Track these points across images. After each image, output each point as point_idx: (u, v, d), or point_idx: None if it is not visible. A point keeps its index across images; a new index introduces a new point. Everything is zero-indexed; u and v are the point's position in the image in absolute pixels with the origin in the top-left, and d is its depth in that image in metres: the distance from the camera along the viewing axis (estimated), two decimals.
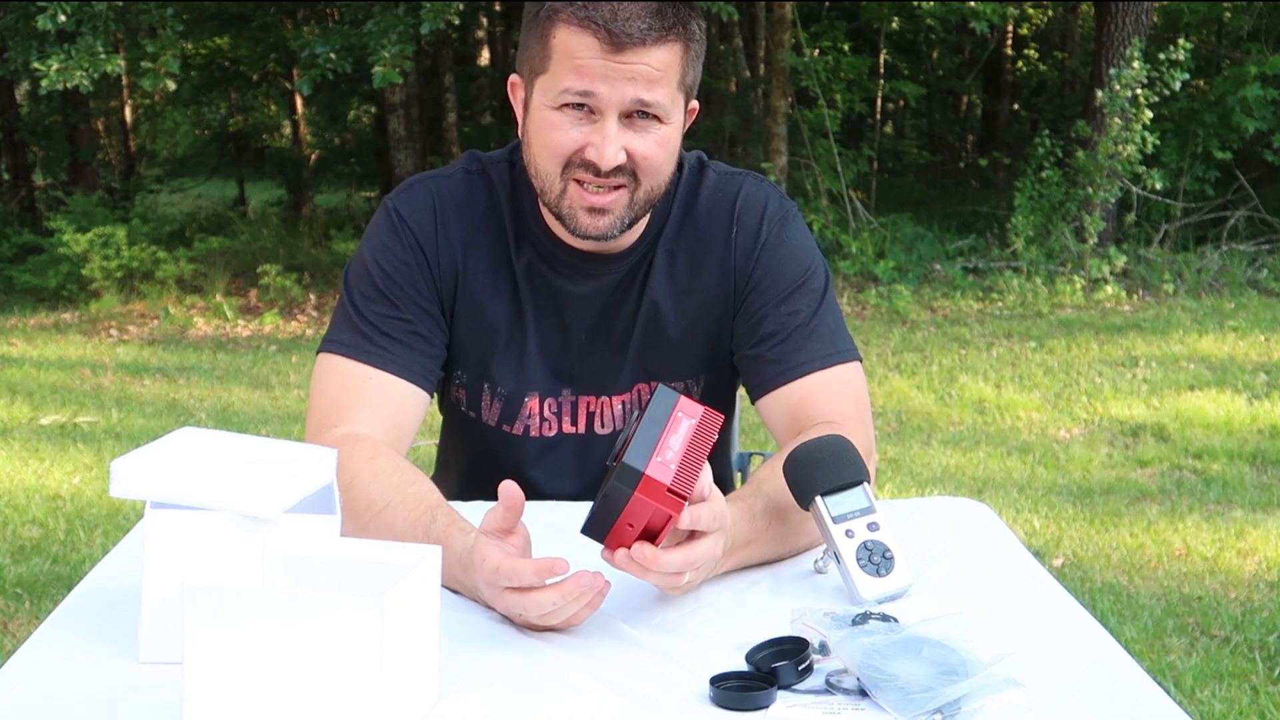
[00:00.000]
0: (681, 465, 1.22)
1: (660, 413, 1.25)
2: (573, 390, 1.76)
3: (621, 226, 1.61)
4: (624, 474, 1.21)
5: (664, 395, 1.26)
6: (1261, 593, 3.72)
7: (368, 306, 1.67)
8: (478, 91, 15.13)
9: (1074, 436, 5.57)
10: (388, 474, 1.51)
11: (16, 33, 9.40)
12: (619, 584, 1.32)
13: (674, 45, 1.53)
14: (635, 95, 1.52)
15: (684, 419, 1.25)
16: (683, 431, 1.24)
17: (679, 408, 1.26)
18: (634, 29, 1.49)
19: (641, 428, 1.24)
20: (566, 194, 1.59)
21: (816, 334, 1.70)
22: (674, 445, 1.23)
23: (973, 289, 9.35)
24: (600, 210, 1.58)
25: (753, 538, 1.46)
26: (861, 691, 1.17)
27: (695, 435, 1.24)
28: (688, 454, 1.23)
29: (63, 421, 6.05)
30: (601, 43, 1.50)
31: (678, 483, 1.21)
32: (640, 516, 1.22)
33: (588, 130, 1.54)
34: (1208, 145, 10.45)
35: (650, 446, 1.22)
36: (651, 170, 1.58)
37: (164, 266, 10.17)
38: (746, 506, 1.46)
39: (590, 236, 1.61)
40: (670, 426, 1.24)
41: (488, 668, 1.24)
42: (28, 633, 2.78)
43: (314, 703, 1.05)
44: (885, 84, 13.02)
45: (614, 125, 1.53)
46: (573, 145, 1.55)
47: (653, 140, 1.56)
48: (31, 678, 1.21)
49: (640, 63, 1.51)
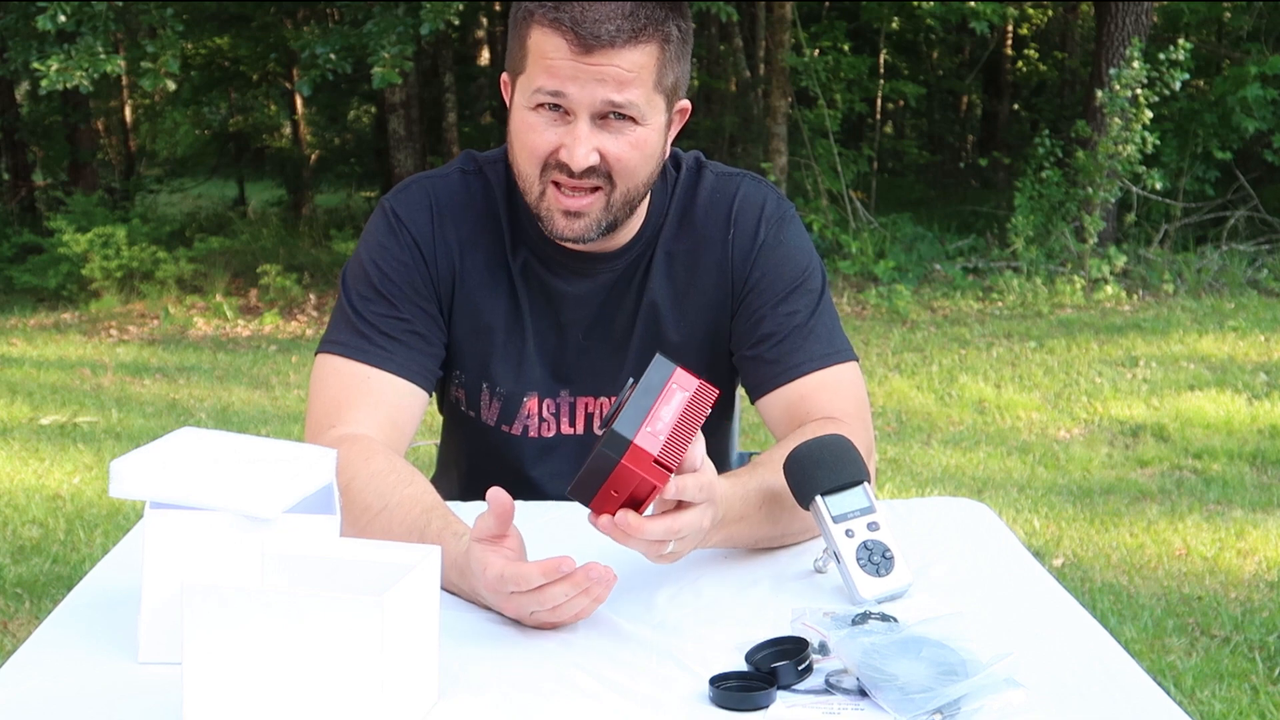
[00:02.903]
0: (671, 436, 1.22)
1: (655, 382, 1.25)
2: (571, 391, 1.76)
3: (599, 229, 1.61)
4: (612, 441, 1.21)
5: (660, 365, 1.26)
6: (1261, 593, 3.72)
7: (366, 306, 1.67)
8: (478, 91, 15.13)
9: (1074, 436, 5.57)
10: (383, 476, 1.50)
11: (16, 33, 9.40)
12: (619, 584, 1.32)
13: (646, 46, 1.52)
14: (605, 96, 1.52)
15: (678, 390, 1.25)
16: (675, 403, 1.24)
17: (674, 379, 1.25)
18: (603, 31, 1.49)
19: (635, 396, 1.24)
20: (545, 196, 1.59)
21: (814, 334, 1.70)
22: (665, 416, 1.23)
23: (973, 289, 9.35)
24: (576, 214, 1.59)
25: (744, 514, 1.46)
26: (861, 691, 1.17)
27: (688, 407, 1.24)
28: (678, 425, 1.23)
29: (63, 421, 6.05)
30: (570, 44, 1.50)
31: (665, 453, 1.22)
32: (625, 485, 1.23)
33: (561, 131, 1.55)
34: (1208, 145, 10.45)
35: (641, 415, 1.22)
36: (626, 172, 1.58)
37: (164, 266, 10.17)
38: (740, 483, 1.46)
39: (566, 239, 1.62)
40: (663, 397, 1.24)
41: (488, 668, 1.24)
42: (28, 633, 2.78)
43: (314, 703, 1.05)
44: (885, 84, 13.03)
45: (585, 126, 1.53)
46: (548, 146, 1.56)
47: (627, 142, 1.56)
48: (31, 678, 1.21)
49: (610, 64, 1.51)
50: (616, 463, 1.21)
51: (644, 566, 1.39)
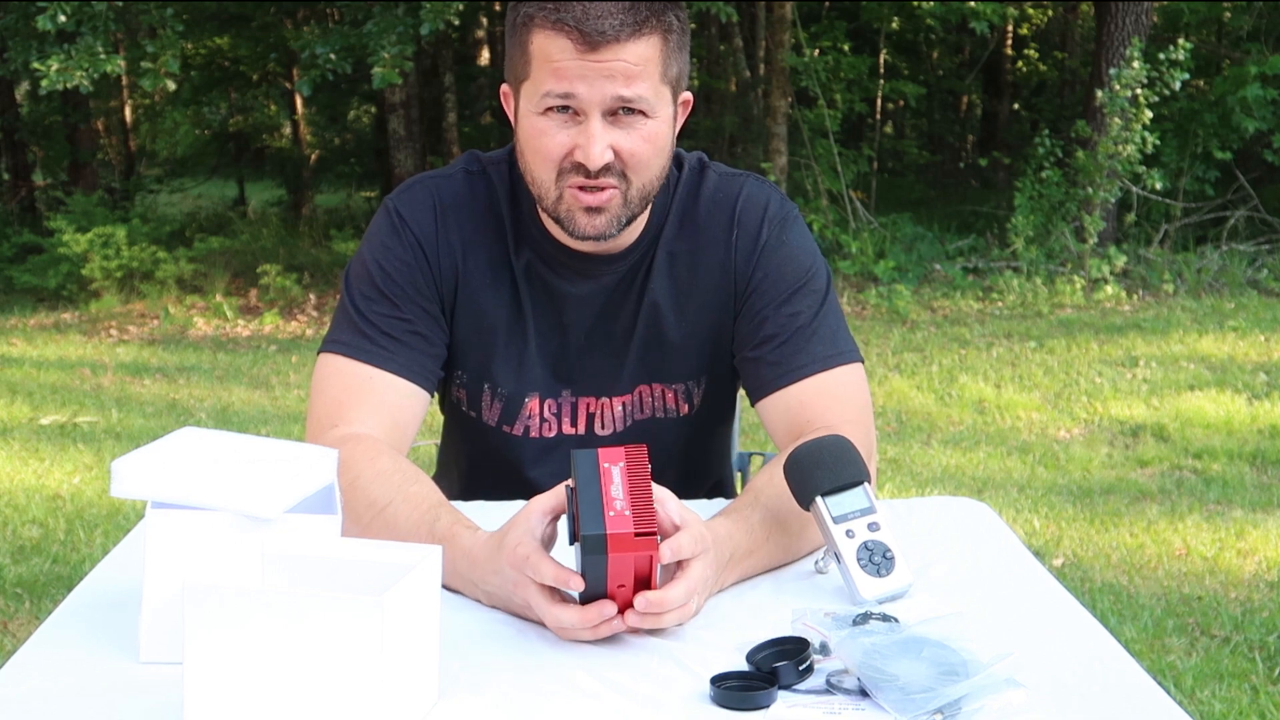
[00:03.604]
0: (634, 506, 1.24)
1: (588, 474, 1.26)
2: (572, 391, 1.76)
3: (619, 225, 1.61)
4: (590, 545, 1.23)
5: (581, 458, 1.28)
6: (1261, 593, 3.72)
7: (368, 306, 1.67)
8: (478, 91, 15.13)
9: (1074, 436, 5.57)
10: (389, 473, 1.51)
11: (16, 33, 9.40)
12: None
13: (650, 38, 1.53)
14: (615, 92, 1.52)
15: (610, 467, 1.26)
16: (617, 478, 1.26)
17: (600, 460, 1.27)
18: (606, 26, 1.50)
19: (580, 498, 1.25)
20: (563, 199, 1.59)
21: (818, 335, 1.69)
22: (617, 495, 1.25)
23: (973, 289, 9.35)
24: (596, 209, 1.59)
25: (753, 548, 1.46)
26: (862, 691, 1.17)
27: (629, 475, 1.26)
28: (633, 494, 1.25)
29: (63, 421, 6.05)
30: (575, 43, 1.50)
31: (639, 523, 1.23)
32: (625, 572, 1.25)
33: (574, 132, 1.55)
34: (1208, 145, 10.45)
35: (597, 508, 1.24)
36: (641, 166, 1.58)
37: (164, 266, 10.17)
38: (743, 519, 1.46)
39: (588, 237, 1.62)
40: (603, 481, 1.25)
41: (488, 668, 1.24)
42: (28, 633, 2.78)
43: (314, 703, 1.05)
44: (885, 84, 13.03)
45: (598, 124, 1.53)
46: (561, 149, 1.56)
47: (639, 136, 1.56)
48: (31, 678, 1.21)
49: (617, 59, 1.51)
50: (606, 561, 1.23)
51: None
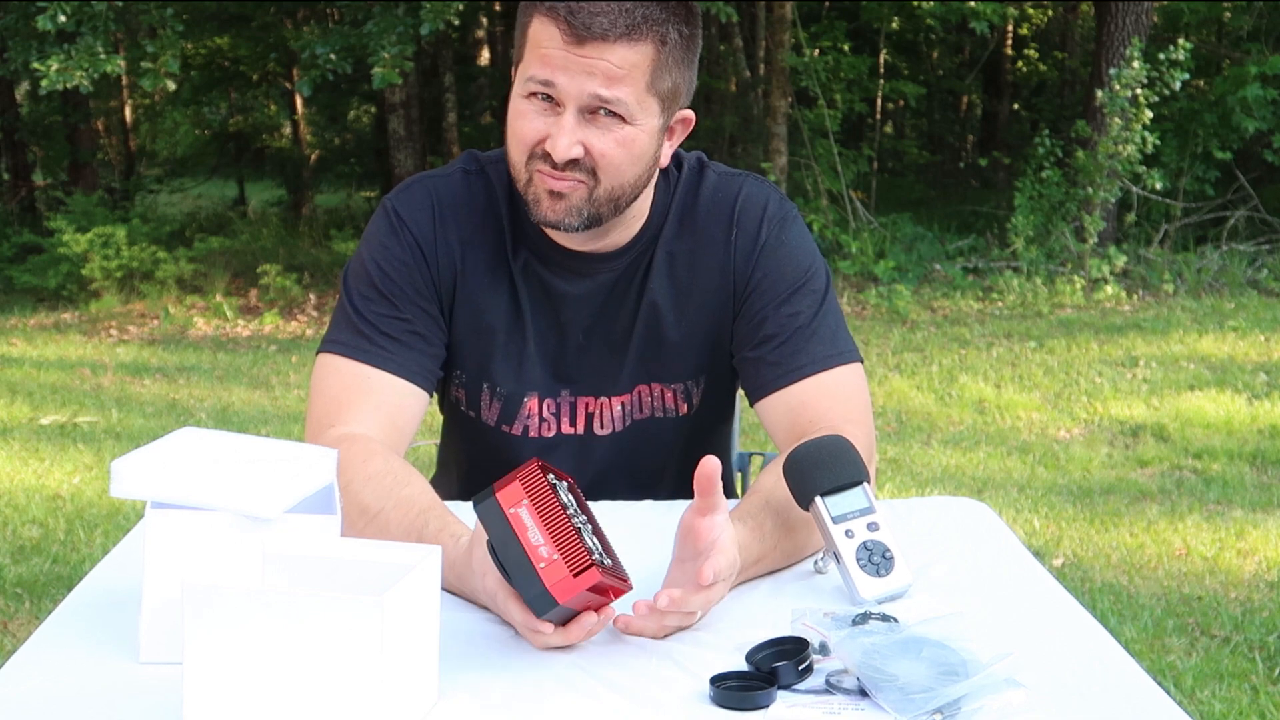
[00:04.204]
0: (557, 544, 1.21)
1: (499, 528, 1.22)
2: (571, 391, 1.76)
3: (580, 218, 1.59)
4: (539, 606, 1.21)
5: (485, 509, 1.23)
6: (1261, 593, 3.72)
7: (367, 306, 1.67)
8: (478, 91, 15.12)
9: (1074, 436, 5.57)
10: (380, 477, 1.50)
11: (16, 33, 9.40)
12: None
13: (641, 45, 1.52)
14: (593, 90, 1.52)
15: (517, 510, 1.22)
16: (528, 521, 1.21)
17: (504, 507, 1.22)
18: (596, 24, 1.50)
19: (503, 557, 1.22)
20: (533, 181, 1.59)
21: (817, 335, 1.69)
22: (536, 539, 1.21)
23: (973, 289, 9.35)
24: (559, 194, 1.57)
25: (761, 555, 1.46)
26: (861, 691, 1.17)
27: (538, 512, 1.22)
28: (551, 530, 1.21)
29: (63, 421, 6.05)
30: (564, 34, 1.50)
31: (571, 560, 1.20)
32: (584, 600, 1.23)
33: (550, 121, 1.55)
34: (1208, 145, 10.45)
35: (525, 565, 1.21)
36: (611, 168, 1.57)
37: (164, 266, 10.17)
38: (756, 525, 1.46)
39: (549, 222, 1.60)
40: (517, 529, 1.21)
41: (488, 668, 1.24)
42: (28, 633, 2.78)
43: (314, 703, 1.05)
44: (885, 84, 13.03)
45: (571, 119, 1.53)
46: (535, 135, 1.56)
47: (614, 139, 1.55)
48: (31, 678, 1.21)
49: (600, 58, 1.51)
50: (558, 605, 1.20)
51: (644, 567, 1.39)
